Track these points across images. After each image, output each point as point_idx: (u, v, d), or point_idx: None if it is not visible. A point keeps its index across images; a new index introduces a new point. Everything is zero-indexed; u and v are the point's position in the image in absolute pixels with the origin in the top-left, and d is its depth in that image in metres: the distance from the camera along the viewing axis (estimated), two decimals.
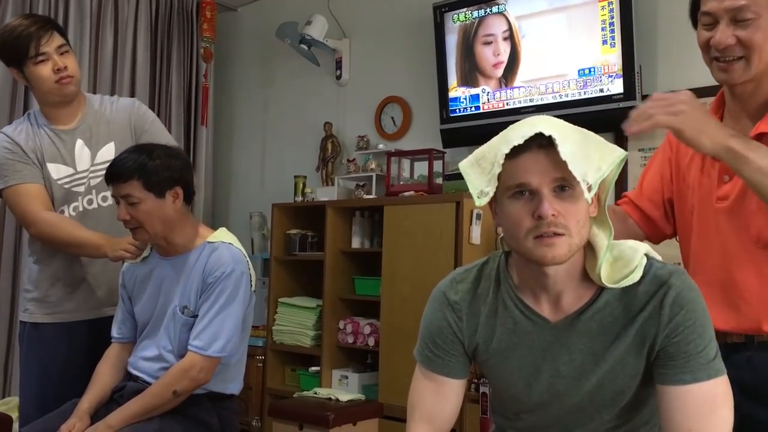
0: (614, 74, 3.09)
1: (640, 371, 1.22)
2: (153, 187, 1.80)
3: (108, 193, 2.08)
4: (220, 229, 1.98)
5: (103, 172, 2.08)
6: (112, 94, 3.14)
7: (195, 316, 1.84)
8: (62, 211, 2.12)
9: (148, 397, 1.78)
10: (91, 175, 2.15)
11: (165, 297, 1.89)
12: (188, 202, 1.91)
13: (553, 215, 1.12)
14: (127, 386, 1.89)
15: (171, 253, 1.91)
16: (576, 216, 1.14)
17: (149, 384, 1.83)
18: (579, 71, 3.20)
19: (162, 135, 2.21)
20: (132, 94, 4.32)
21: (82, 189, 2.14)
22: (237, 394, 1.94)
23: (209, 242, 1.89)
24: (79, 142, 2.14)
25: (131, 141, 2.15)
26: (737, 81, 1.35)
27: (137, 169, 1.79)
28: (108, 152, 2.14)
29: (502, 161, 1.15)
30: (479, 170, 1.21)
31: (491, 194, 1.18)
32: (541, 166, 1.13)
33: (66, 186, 2.12)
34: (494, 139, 1.22)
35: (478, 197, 1.20)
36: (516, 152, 1.14)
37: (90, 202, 2.14)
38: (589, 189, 1.13)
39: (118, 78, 4.29)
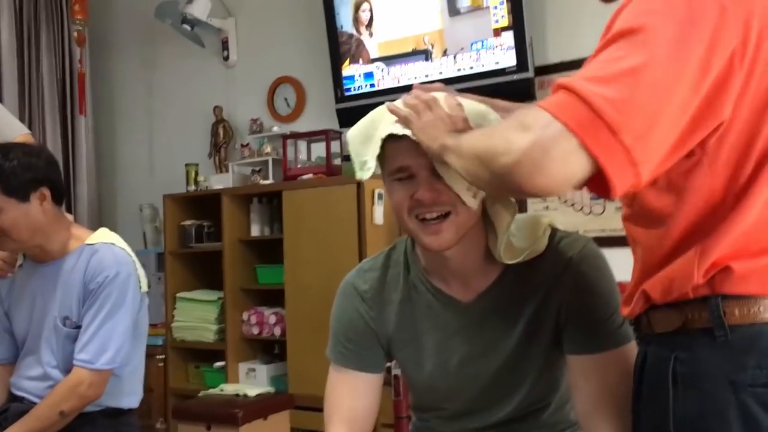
0: (507, 47, 3.09)
1: (551, 342, 1.21)
2: (13, 191, 1.63)
3: None
4: (99, 229, 1.82)
5: None
6: None
7: (78, 327, 1.68)
8: None
9: (32, 420, 1.62)
10: None
11: (42, 307, 1.73)
12: (58, 203, 1.73)
13: (435, 196, 1.11)
14: (11, 408, 1.73)
15: (45, 260, 1.74)
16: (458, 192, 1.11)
17: (35, 404, 1.67)
18: (472, 44, 3.18)
19: (6, 124, 1.96)
20: None
21: None
22: (135, 407, 1.81)
23: (88, 244, 1.73)
24: None
25: None
26: None
27: None
28: None
29: (379, 144, 1.13)
30: (365, 141, 1.18)
31: (372, 169, 1.16)
32: (419, 149, 1.09)
33: None
34: (380, 112, 1.17)
35: (360, 169, 1.18)
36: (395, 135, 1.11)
37: None
38: (474, 195, 1.11)
39: None
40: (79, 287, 1.69)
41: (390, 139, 1.12)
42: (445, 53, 3.27)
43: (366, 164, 1.17)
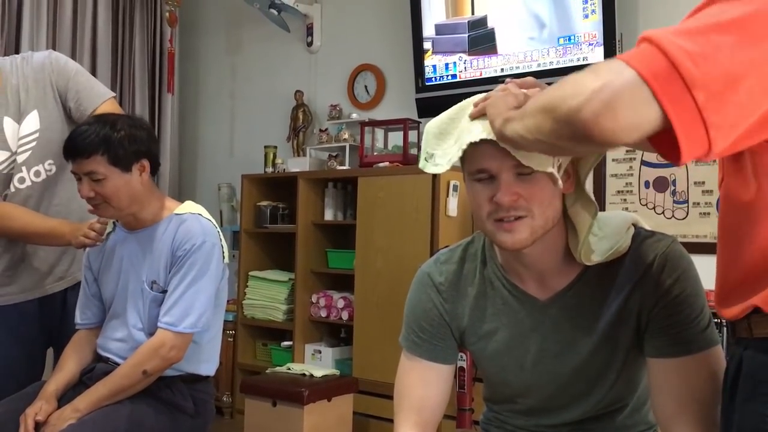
0: (594, 42, 3.02)
1: (630, 344, 1.18)
2: (119, 161, 1.68)
3: (40, 168, 1.95)
4: (186, 201, 1.88)
5: (30, 144, 1.93)
6: (73, 58, 2.95)
7: (164, 291, 1.75)
8: (5, 197, 1.95)
9: (117, 378, 1.69)
10: (19, 150, 1.94)
11: (130, 272, 1.80)
12: (153, 174, 1.80)
13: (513, 200, 1.09)
14: (97, 368, 1.80)
15: (136, 227, 1.81)
16: (540, 197, 1.09)
17: (119, 365, 1.74)
18: (558, 39, 3.13)
19: (91, 89, 1.98)
20: (93, 60, 4.14)
21: (14, 170, 1.96)
22: (212, 375, 1.86)
23: (177, 214, 1.80)
24: (7, 121, 1.93)
25: (55, 104, 1.96)
26: None
27: (101, 143, 1.66)
28: (32, 123, 1.94)
29: (464, 147, 1.11)
30: (439, 135, 1.16)
31: (442, 167, 1.14)
32: (501, 152, 1.06)
33: (5, 171, 1.94)
34: (461, 108, 1.15)
35: (425, 160, 1.16)
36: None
37: (22, 180, 1.95)
38: (557, 171, 1.09)
39: (78, 43, 4.09)
40: (167, 254, 1.75)
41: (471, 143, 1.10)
42: (530, 47, 3.22)
43: (433, 158, 1.16)
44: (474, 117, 1.10)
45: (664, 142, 0.79)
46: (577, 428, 1.26)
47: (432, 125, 1.18)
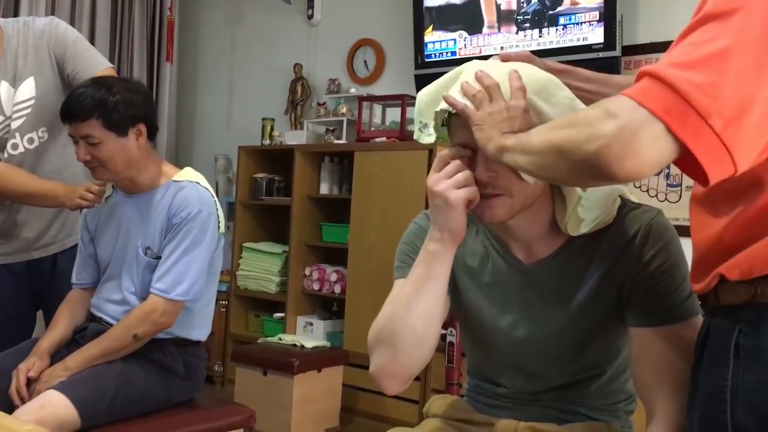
0: (594, 22, 3.02)
1: (611, 313, 1.19)
2: (114, 125, 1.69)
3: (33, 135, 1.95)
4: (185, 168, 1.89)
5: (25, 111, 1.94)
6: (72, 25, 2.93)
7: (158, 258, 1.76)
8: None
9: (107, 340, 1.71)
10: (14, 116, 1.94)
11: (126, 237, 1.81)
12: (151, 139, 1.80)
13: (492, 177, 1.10)
14: (89, 327, 1.82)
15: (134, 192, 1.82)
16: (519, 176, 1.10)
17: (112, 326, 1.76)
18: (559, 18, 3.12)
19: (89, 58, 1.98)
20: (92, 26, 4.12)
21: (8, 135, 1.96)
22: (203, 340, 1.88)
23: (175, 181, 1.80)
24: (4, 85, 1.94)
25: (52, 72, 1.96)
26: None
27: (97, 106, 1.67)
28: (27, 89, 1.94)
29: (437, 110, 1.13)
30: (431, 104, 1.17)
31: (433, 136, 1.16)
32: None
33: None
34: (453, 76, 1.16)
35: (419, 130, 1.18)
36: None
37: (15, 146, 1.96)
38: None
39: (78, 9, 4.07)
40: (163, 220, 1.76)
41: (454, 113, 1.11)
42: (530, 25, 3.22)
43: (428, 128, 1.17)
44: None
45: (688, 166, 0.82)
46: (554, 396, 1.28)
47: (424, 93, 1.19)
